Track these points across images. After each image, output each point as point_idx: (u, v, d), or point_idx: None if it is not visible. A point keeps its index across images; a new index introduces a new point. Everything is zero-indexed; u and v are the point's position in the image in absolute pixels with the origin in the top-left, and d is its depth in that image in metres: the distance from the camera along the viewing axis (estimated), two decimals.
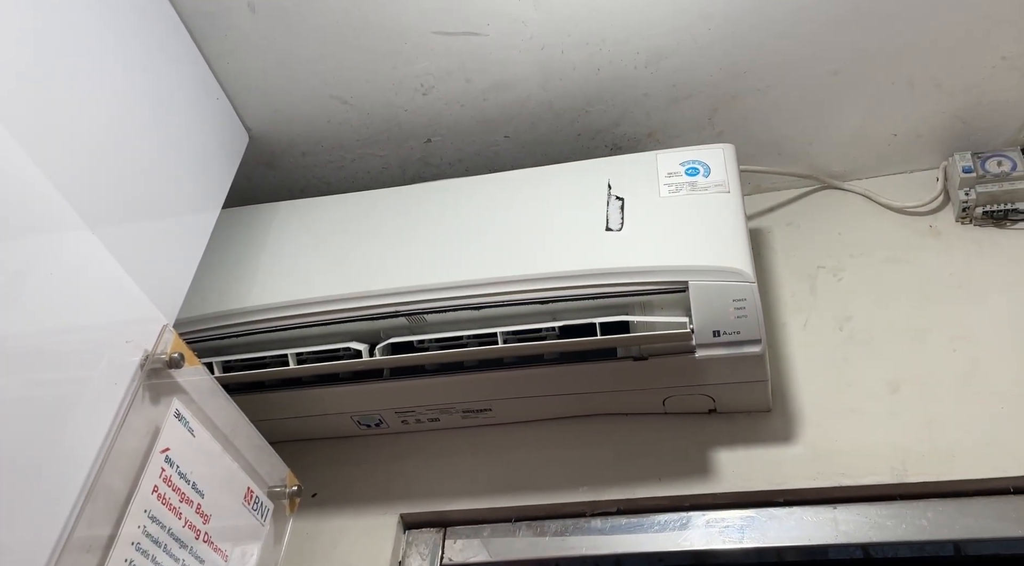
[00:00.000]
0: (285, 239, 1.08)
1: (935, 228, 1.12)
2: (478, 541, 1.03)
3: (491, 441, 1.07)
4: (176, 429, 0.78)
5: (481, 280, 0.96)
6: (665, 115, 1.12)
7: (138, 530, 0.72)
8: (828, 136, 1.15)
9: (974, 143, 1.11)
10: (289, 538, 1.00)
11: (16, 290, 0.65)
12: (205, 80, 1.07)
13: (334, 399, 1.04)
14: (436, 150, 1.19)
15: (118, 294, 0.77)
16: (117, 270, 0.76)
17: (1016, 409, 0.93)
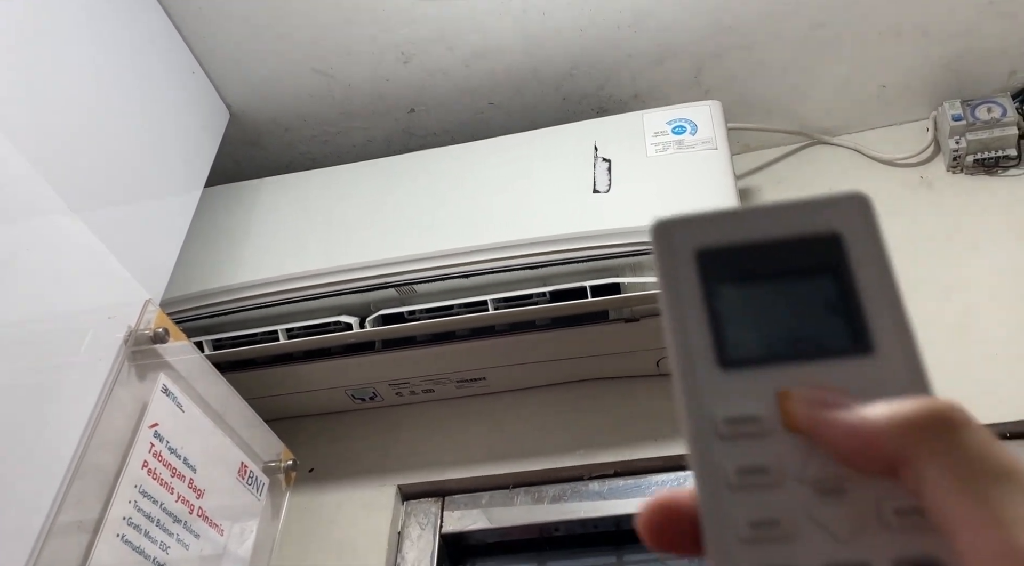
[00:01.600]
0: (271, 215, 1.07)
1: (926, 179, 1.10)
2: (477, 509, 1.03)
3: (486, 409, 1.07)
4: (164, 404, 0.78)
5: (469, 248, 0.95)
6: (650, 76, 1.11)
7: (130, 505, 0.72)
8: (816, 91, 1.13)
9: (964, 91, 1.10)
10: (288, 513, 0.99)
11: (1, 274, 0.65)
12: (182, 57, 1.06)
13: (327, 373, 1.04)
14: (420, 120, 1.17)
15: (100, 273, 0.77)
16: (99, 249, 0.76)
17: (1010, 356, 0.93)
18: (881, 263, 0.24)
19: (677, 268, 0.24)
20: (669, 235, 0.25)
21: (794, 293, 0.24)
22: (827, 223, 0.24)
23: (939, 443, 0.20)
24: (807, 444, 0.22)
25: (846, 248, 0.24)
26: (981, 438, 0.20)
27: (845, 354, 0.23)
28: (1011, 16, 1.03)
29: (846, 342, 0.23)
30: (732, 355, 0.23)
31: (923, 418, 0.20)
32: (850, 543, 0.21)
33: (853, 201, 0.25)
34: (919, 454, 0.20)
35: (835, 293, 0.24)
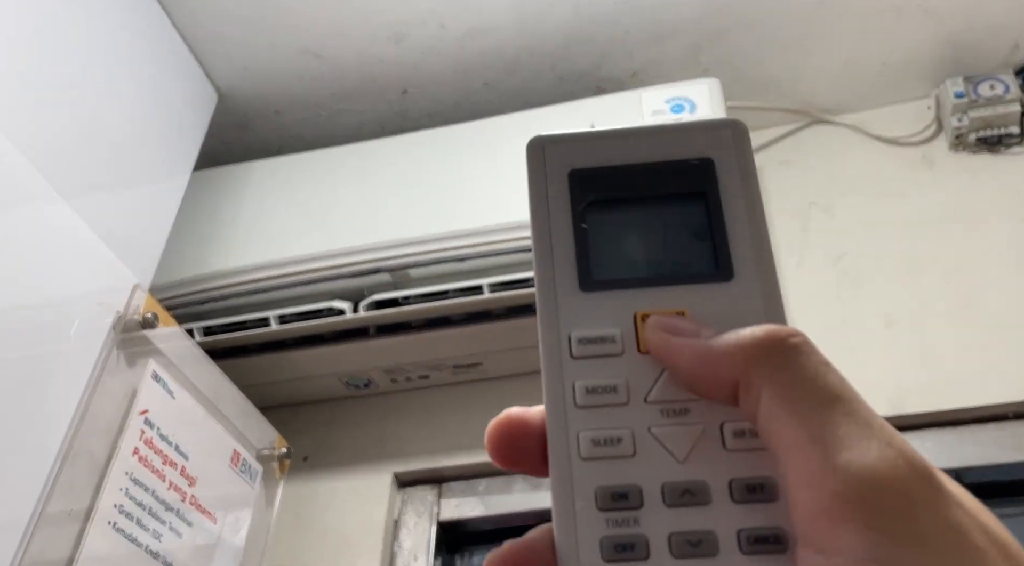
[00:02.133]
0: (262, 199, 1.05)
1: (928, 158, 1.09)
2: (474, 497, 1.01)
3: (483, 395, 1.05)
4: (154, 391, 0.76)
5: (464, 231, 0.94)
6: (648, 54, 1.09)
7: (121, 493, 0.70)
8: (816, 69, 1.11)
9: (966, 68, 1.08)
10: (283, 502, 0.98)
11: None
12: (169, 39, 1.03)
13: (320, 360, 1.02)
14: (413, 102, 1.15)
15: (88, 258, 0.75)
16: (86, 234, 0.74)
17: (1012, 335, 0.92)
18: (749, 191, 0.24)
19: (548, 188, 0.24)
20: (543, 154, 0.25)
21: (661, 218, 0.24)
22: (701, 149, 0.24)
23: (774, 367, 0.20)
24: (658, 367, 0.22)
25: (717, 174, 0.24)
26: (815, 363, 0.20)
27: (705, 279, 0.23)
28: None
29: (707, 268, 0.23)
30: (594, 278, 0.23)
31: (762, 343, 0.21)
32: (688, 463, 0.21)
33: (728, 127, 0.24)
34: (755, 378, 0.20)
35: (701, 220, 0.24)
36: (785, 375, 0.20)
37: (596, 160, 0.24)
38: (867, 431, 0.19)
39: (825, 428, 0.19)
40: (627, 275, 0.23)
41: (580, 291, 0.23)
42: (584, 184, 0.24)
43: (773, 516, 0.21)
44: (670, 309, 0.23)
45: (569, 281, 0.23)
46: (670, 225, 0.24)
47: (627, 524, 0.21)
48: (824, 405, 0.19)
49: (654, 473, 0.21)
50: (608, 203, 0.24)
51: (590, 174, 0.24)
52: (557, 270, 0.24)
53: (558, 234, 0.24)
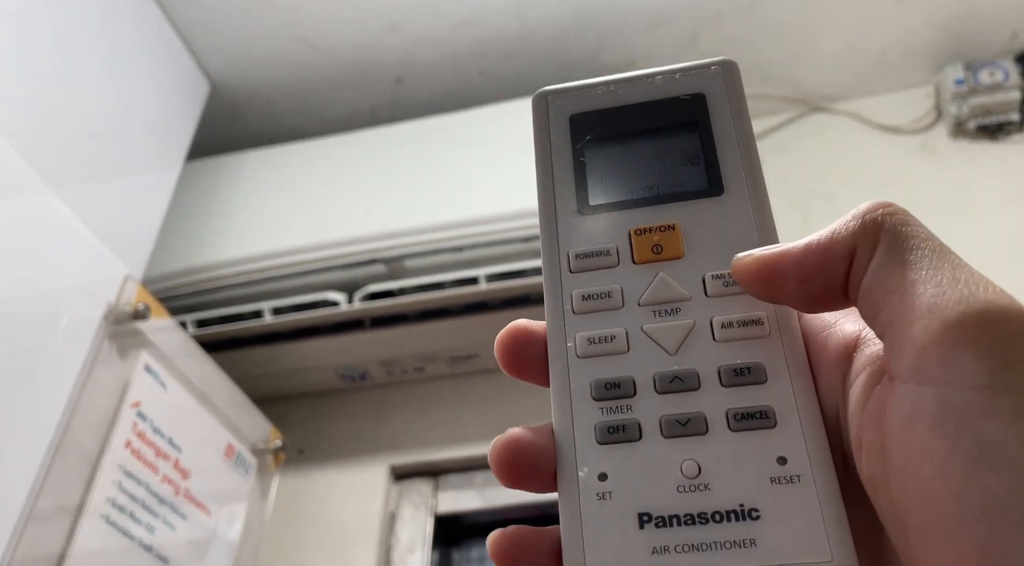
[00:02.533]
0: (255, 189, 1.04)
1: (928, 146, 1.08)
2: (471, 489, 1.00)
3: (479, 387, 1.05)
4: (146, 383, 0.75)
5: (460, 220, 0.93)
6: (645, 41, 1.08)
7: (114, 486, 0.69)
8: (815, 56, 1.10)
9: (965, 55, 1.07)
10: (278, 494, 0.97)
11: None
12: (159, 28, 1.02)
13: (315, 352, 1.01)
14: (408, 91, 1.14)
15: (79, 249, 0.74)
16: (76, 225, 0.73)
17: None
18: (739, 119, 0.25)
19: (551, 132, 0.26)
20: (546, 104, 0.26)
21: (655, 147, 0.25)
22: (693, 86, 0.25)
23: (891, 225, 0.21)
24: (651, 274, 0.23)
25: (707, 106, 0.25)
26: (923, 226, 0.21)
27: (695, 196, 0.24)
28: None
29: (698, 185, 0.24)
30: (590, 203, 0.25)
31: (875, 207, 0.21)
32: (679, 355, 0.22)
33: (719, 65, 0.26)
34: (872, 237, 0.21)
35: (693, 145, 0.25)
36: (902, 230, 0.20)
37: (594, 104, 0.26)
38: (980, 278, 0.19)
39: (942, 270, 0.19)
40: (621, 198, 0.24)
41: (578, 214, 0.24)
42: (583, 125, 0.25)
43: (760, 396, 0.22)
44: (662, 223, 0.24)
45: (568, 206, 0.25)
46: (663, 152, 0.25)
47: (620, 411, 0.22)
48: (938, 254, 0.20)
49: (646, 365, 0.22)
50: (604, 138, 0.25)
51: (588, 117, 0.26)
52: (557, 199, 0.25)
53: (559, 170, 0.25)
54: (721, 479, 0.21)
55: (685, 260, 0.23)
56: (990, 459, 0.17)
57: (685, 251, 0.23)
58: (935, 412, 0.17)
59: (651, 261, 0.23)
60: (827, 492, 0.20)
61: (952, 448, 0.17)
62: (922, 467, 0.17)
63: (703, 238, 0.23)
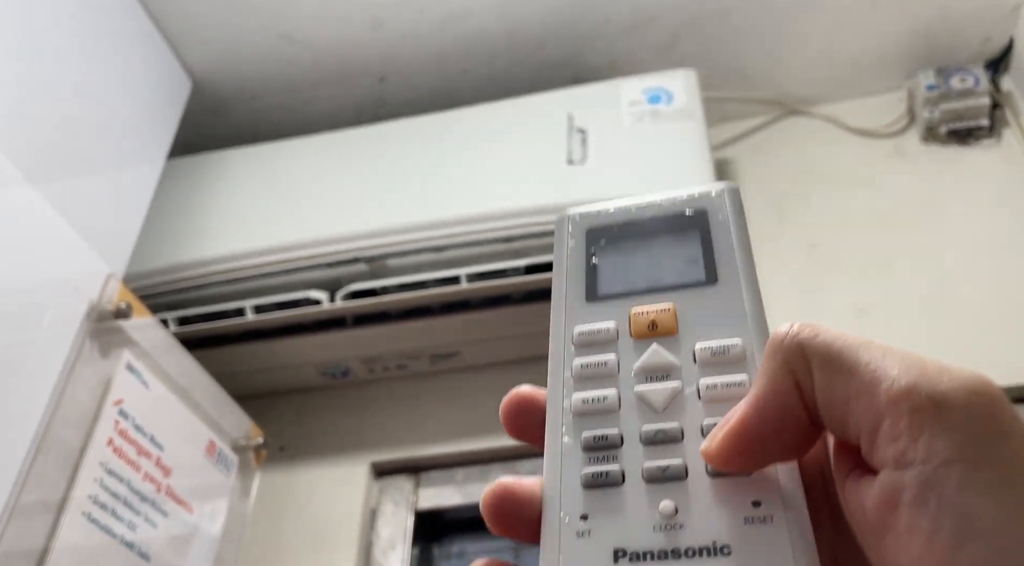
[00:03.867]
0: (237, 187, 1.04)
1: (900, 149, 1.10)
2: (452, 486, 1.02)
3: (461, 385, 1.06)
4: (128, 381, 0.75)
5: (442, 220, 0.94)
6: (626, 43, 1.09)
7: (95, 484, 0.69)
8: (792, 60, 1.12)
9: (938, 60, 1.10)
10: (259, 491, 0.98)
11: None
12: (140, 23, 1.01)
13: (297, 350, 1.02)
14: (391, 89, 1.15)
15: (60, 247, 0.74)
16: (58, 223, 0.73)
17: (981, 325, 0.93)
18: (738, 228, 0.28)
19: (570, 243, 0.29)
20: (569, 222, 0.30)
21: (658, 248, 0.28)
22: (698, 205, 0.29)
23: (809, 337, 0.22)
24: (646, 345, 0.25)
25: (708, 218, 0.28)
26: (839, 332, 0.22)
27: (692, 285, 0.27)
28: None
29: (696, 277, 0.27)
30: (597, 292, 0.27)
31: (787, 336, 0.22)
32: (665, 413, 0.24)
33: (723, 187, 0.29)
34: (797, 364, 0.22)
35: (692, 249, 0.28)
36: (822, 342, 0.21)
37: (608, 220, 0.29)
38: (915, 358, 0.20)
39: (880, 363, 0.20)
40: (625, 288, 0.27)
41: (585, 302, 0.27)
42: (597, 235, 0.29)
43: None
44: (660, 307, 0.26)
45: (577, 296, 0.27)
46: (666, 254, 0.28)
47: (606, 461, 0.24)
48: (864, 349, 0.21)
49: (634, 422, 0.24)
50: (615, 242, 0.29)
51: (603, 229, 0.29)
52: (568, 290, 0.28)
53: (573, 268, 0.28)
54: (696, 519, 0.22)
55: (678, 335, 0.25)
56: (972, 531, 0.18)
57: (679, 328, 0.25)
58: (916, 492, 0.18)
59: (647, 336, 0.25)
60: (798, 531, 0.21)
61: (936, 525, 0.18)
62: (911, 545, 0.18)
63: (696, 317, 0.25)
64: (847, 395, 0.20)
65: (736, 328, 0.25)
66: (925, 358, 0.20)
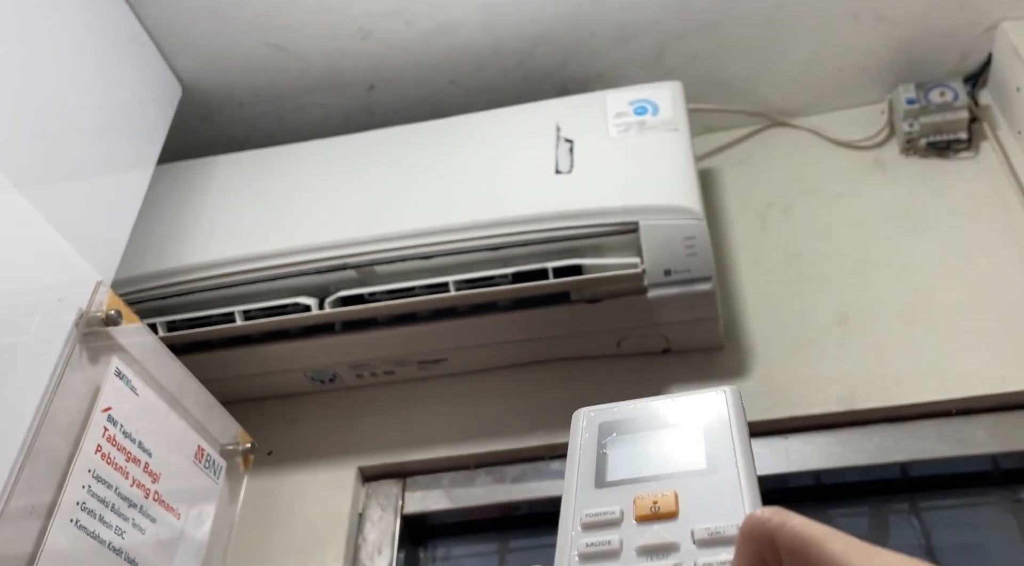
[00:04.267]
0: (226, 194, 1.05)
1: (881, 161, 1.13)
2: (438, 490, 1.03)
3: (448, 391, 1.07)
4: (117, 388, 0.76)
5: (431, 228, 0.95)
6: (612, 55, 1.11)
7: (83, 490, 0.70)
8: (775, 73, 1.14)
9: (918, 75, 1.12)
10: (246, 496, 0.98)
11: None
12: (131, 29, 1.02)
13: (285, 355, 1.02)
14: (380, 98, 1.16)
15: (49, 254, 0.75)
16: (47, 229, 0.74)
17: (957, 335, 0.96)
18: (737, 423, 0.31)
19: (584, 434, 0.33)
20: (584, 416, 0.34)
21: (663, 441, 0.31)
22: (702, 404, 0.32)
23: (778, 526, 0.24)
24: (650, 527, 0.28)
25: (711, 415, 0.32)
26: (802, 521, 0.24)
27: (692, 473, 0.30)
28: (963, 1, 1.05)
29: (696, 466, 0.30)
30: (605, 479, 0.30)
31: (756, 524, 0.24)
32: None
33: (727, 391, 0.32)
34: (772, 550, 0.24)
35: (695, 441, 0.31)
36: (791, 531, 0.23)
37: (620, 416, 0.33)
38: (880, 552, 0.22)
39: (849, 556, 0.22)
40: (631, 475, 0.30)
41: (595, 488, 0.30)
42: (609, 427, 0.33)
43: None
44: (662, 492, 0.29)
45: (587, 482, 0.31)
46: (670, 446, 0.31)
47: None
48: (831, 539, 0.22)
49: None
50: (624, 434, 0.32)
51: (614, 423, 0.33)
52: (580, 477, 0.31)
53: (585, 457, 0.32)
54: None
55: (679, 518, 0.28)
56: None
57: (679, 511, 0.28)
58: None
59: (649, 519, 0.28)
60: None
61: None
62: None
63: (696, 502, 0.28)
64: None
65: (733, 512, 0.27)
66: (885, 551, 0.22)
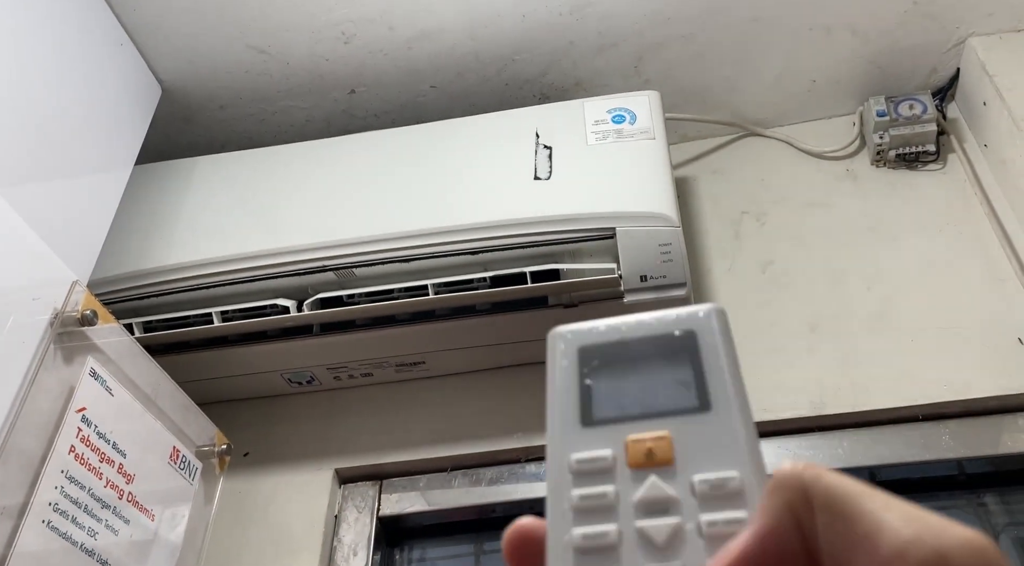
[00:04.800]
0: (206, 195, 1.05)
1: (852, 172, 1.15)
2: (415, 492, 1.03)
3: (425, 394, 1.07)
4: (92, 388, 0.76)
5: (410, 232, 0.95)
6: (592, 64, 1.12)
7: (56, 491, 0.70)
8: (750, 83, 1.16)
9: (888, 88, 1.14)
10: (222, 498, 0.98)
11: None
12: (111, 30, 1.02)
13: (263, 357, 1.02)
14: (361, 102, 1.16)
15: (24, 253, 0.74)
16: (23, 228, 0.73)
17: (924, 342, 0.98)
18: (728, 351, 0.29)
19: (563, 361, 0.30)
20: (561, 339, 0.30)
21: (651, 372, 0.29)
22: (685, 325, 0.30)
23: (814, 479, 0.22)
24: (644, 476, 0.26)
25: (698, 341, 0.29)
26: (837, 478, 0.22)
27: (686, 412, 0.27)
28: (933, 16, 1.08)
29: (689, 404, 0.28)
30: (592, 417, 0.28)
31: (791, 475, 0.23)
32: (668, 550, 0.24)
33: (711, 310, 0.30)
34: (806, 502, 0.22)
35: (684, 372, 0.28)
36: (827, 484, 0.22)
37: (600, 338, 0.30)
38: (917, 512, 0.21)
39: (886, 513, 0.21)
40: (619, 413, 0.28)
41: (580, 428, 0.28)
42: (589, 355, 0.30)
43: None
44: (656, 435, 0.27)
45: (572, 420, 0.28)
46: (658, 377, 0.29)
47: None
48: (868, 498, 0.21)
49: (635, 558, 0.24)
50: (607, 365, 0.29)
51: (595, 348, 0.30)
52: (564, 415, 0.28)
53: (566, 391, 0.29)
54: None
55: (675, 466, 0.26)
56: None
57: (676, 458, 0.26)
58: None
59: (643, 466, 0.26)
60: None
61: None
62: None
63: (692, 447, 0.26)
64: (849, 542, 0.21)
65: (732, 459, 0.26)
66: (926, 513, 0.21)
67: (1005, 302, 0.99)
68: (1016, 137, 1.02)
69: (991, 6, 1.07)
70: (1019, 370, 0.93)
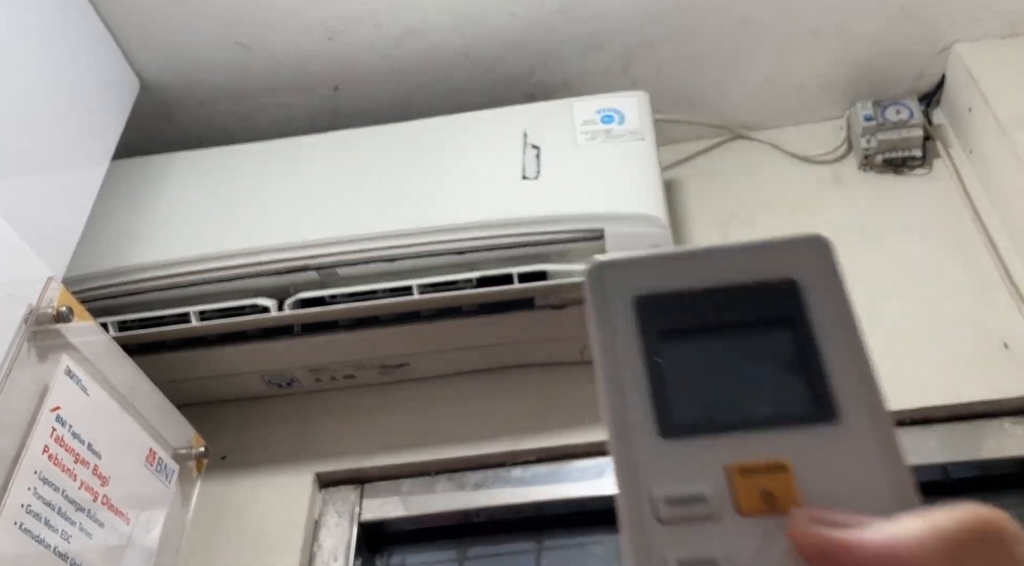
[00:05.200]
0: (185, 191, 1.03)
1: (839, 176, 1.15)
2: (397, 496, 1.01)
3: (409, 396, 1.06)
4: (67, 387, 0.73)
5: (395, 231, 0.94)
6: (581, 64, 1.11)
7: (28, 492, 0.67)
8: (738, 86, 1.16)
9: (875, 92, 1.15)
10: (199, 502, 0.96)
11: None
12: (89, 23, 0.99)
13: (242, 358, 1.00)
14: (346, 99, 1.15)
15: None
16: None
17: (909, 347, 0.98)
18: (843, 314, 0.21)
19: (613, 317, 0.21)
20: (605, 279, 0.21)
21: (745, 349, 0.21)
22: (781, 268, 0.21)
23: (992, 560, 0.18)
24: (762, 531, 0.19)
25: (803, 297, 0.21)
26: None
27: (805, 422, 0.20)
28: (920, 21, 1.08)
29: (806, 408, 0.20)
30: (675, 423, 0.20)
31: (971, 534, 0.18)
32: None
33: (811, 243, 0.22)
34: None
35: (792, 350, 0.21)
36: None
37: (663, 285, 0.21)
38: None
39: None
40: (713, 419, 0.20)
41: (660, 440, 0.20)
42: (652, 312, 0.21)
43: None
44: (769, 460, 0.19)
45: (647, 426, 0.20)
46: (756, 358, 0.20)
47: None
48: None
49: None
50: (683, 334, 0.20)
51: (660, 300, 0.21)
52: (631, 413, 0.20)
53: (629, 373, 0.20)
54: None
55: None
56: None
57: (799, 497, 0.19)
58: None
59: (760, 514, 0.19)
60: None
61: None
62: None
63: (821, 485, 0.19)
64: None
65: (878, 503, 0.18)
66: None
67: (991, 307, 0.99)
68: (1001, 143, 1.03)
69: (977, 12, 1.08)
70: (1005, 374, 0.94)
